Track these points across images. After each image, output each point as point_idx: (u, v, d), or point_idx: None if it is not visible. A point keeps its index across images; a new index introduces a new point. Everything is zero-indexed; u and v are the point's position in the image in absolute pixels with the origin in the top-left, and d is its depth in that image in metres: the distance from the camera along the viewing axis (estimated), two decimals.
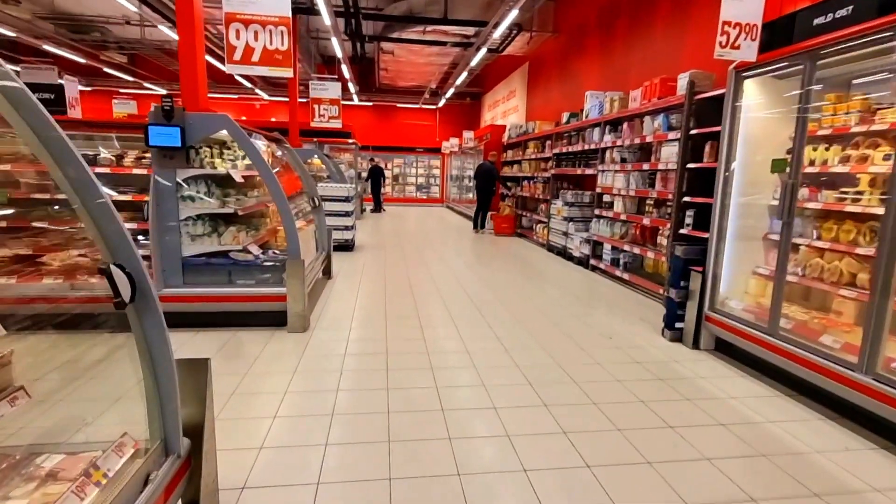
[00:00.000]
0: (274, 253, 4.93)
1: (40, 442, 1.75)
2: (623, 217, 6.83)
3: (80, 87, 7.55)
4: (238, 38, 5.15)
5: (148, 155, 4.63)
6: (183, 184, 4.29)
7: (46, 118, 1.38)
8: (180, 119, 4.17)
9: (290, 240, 4.44)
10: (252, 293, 4.39)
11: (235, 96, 20.03)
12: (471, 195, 14.42)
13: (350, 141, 14.89)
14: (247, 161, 4.75)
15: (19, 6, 13.06)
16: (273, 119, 19.54)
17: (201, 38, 4.76)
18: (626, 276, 6.62)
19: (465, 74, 15.00)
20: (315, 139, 13.41)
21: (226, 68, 5.21)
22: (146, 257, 4.43)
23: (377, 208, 17.20)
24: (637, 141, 6.46)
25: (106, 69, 17.31)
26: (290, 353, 3.89)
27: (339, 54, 12.07)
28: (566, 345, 4.25)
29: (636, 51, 8.06)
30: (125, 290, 1.50)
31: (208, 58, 14.33)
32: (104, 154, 4.70)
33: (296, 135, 10.72)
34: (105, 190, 1.52)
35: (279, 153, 6.31)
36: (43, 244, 4.35)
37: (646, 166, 6.18)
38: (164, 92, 18.96)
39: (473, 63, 13.45)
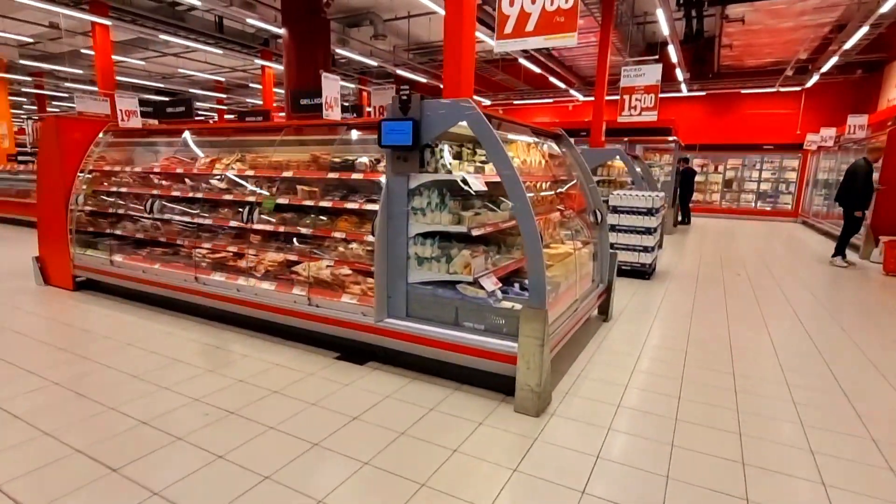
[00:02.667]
0: (520, 290, 3.67)
1: None
2: None
3: None
4: (512, 4, 4.06)
5: None
6: (416, 193, 3.43)
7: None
8: (416, 110, 3.30)
9: (531, 277, 3.09)
10: (474, 343, 3.22)
11: (550, 100, 19.74)
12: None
13: (670, 139, 12.48)
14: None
15: (385, 40, 15.36)
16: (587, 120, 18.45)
17: (471, 8, 3.84)
18: None
19: (863, 30, 10.50)
20: (625, 139, 11.63)
21: (496, 45, 4.19)
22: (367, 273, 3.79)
23: (684, 220, 14.10)
24: None
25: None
26: (502, 455, 2.55)
27: (667, 31, 9.96)
28: None
29: None
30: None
31: (522, 61, 14.15)
32: (361, 159, 4.25)
33: (598, 133, 9.25)
34: None
35: (559, 152, 5.00)
36: (304, 251, 4.18)
37: None
38: (486, 102, 20.11)
39: (886, 8, 9.10)
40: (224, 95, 22.89)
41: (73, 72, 16.90)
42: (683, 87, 16.17)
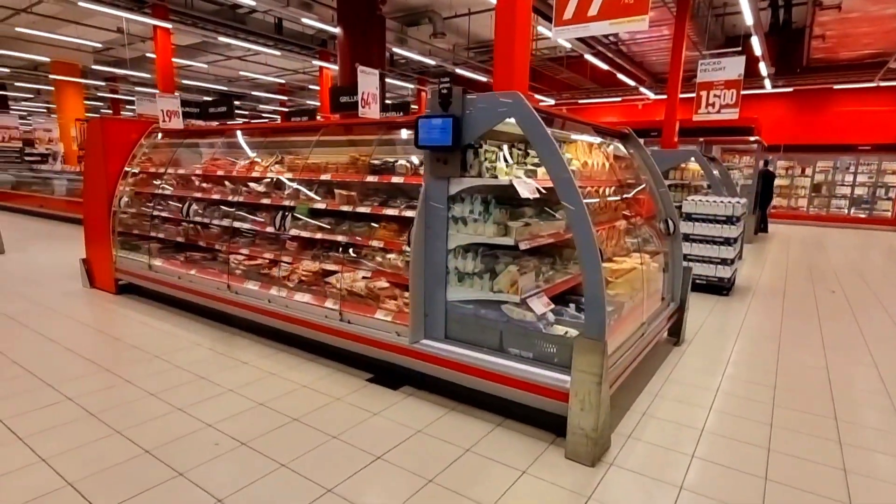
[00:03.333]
0: (576, 312, 3.18)
1: None
2: None
3: None
4: None
5: None
6: (457, 200, 3.03)
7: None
8: (458, 106, 2.89)
9: (588, 303, 2.60)
10: (520, 375, 2.77)
11: (618, 99, 18.75)
12: None
13: (751, 139, 11.37)
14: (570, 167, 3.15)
15: (444, 38, 15.08)
16: (658, 120, 17.36)
17: None
18: None
19: None
20: (701, 139, 10.68)
21: (553, 33, 3.72)
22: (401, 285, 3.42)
23: (762, 227, 12.73)
24: None
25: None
26: None
27: (750, 21, 9.01)
28: None
29: None
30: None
31: (588, 57, 13.43)
32: (401, 161, 3.90)
33: (671, 133, 8.48)
34: None
35: (626, 154, 4.44)
36: (339, 260, 3.87)
37: None
38: (550, 101, 19.40)
39: None
40: (286, 98, 23.46)
41: (141, 76, 17.74)
42: (767, 82, 14.82)
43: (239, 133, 4.99)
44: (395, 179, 3.52)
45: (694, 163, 7.52)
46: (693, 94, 8.48)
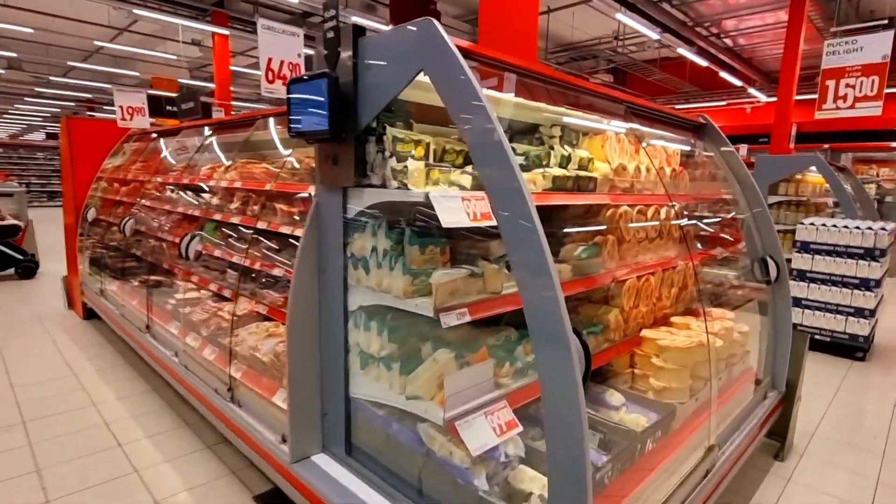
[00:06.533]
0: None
1: None
2: None
3: None
4: None
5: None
6: (356, 227, 1.76)
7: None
8: (346, 60, 1.64)
9: (554, 467, 1.21)
10: None
11: (723, 103, 16.27)
12: None
13: (894, 145, 8.87)
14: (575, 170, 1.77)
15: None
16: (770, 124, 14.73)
17: None
18: None
19: None
20: (825, 146, 8.43)
21: None
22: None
23: None
24: None
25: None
26: None
27: None
28: None
29: None
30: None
31: (687, 54, 11.47)
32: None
33: (784, 135, 6.55)
34: None
35: (701, 156, 2.91)
36: (235, 302, 2.74)
37: None
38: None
39: None
40: None
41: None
42: None
43: (183, 136, 4.05)
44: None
45: (814, 173, 5.58)
46: (815, 96, 6.48)
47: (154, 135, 4.60)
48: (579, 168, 2.05)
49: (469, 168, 1.76)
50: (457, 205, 1.47)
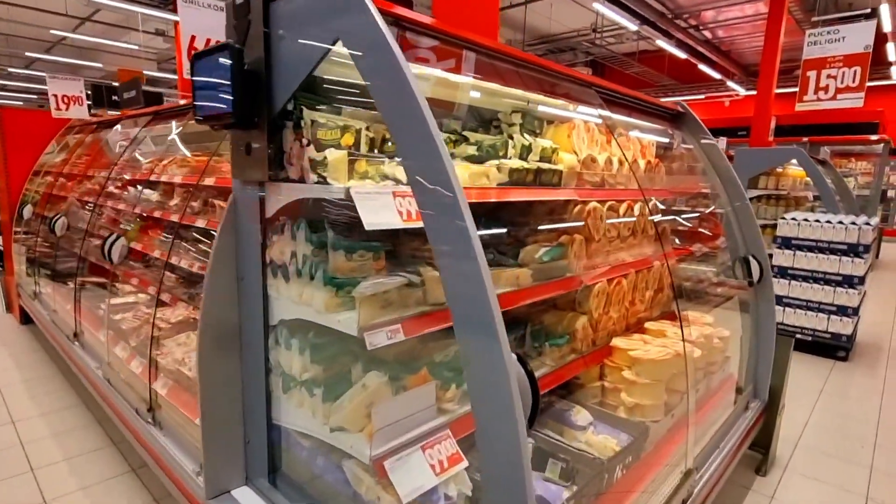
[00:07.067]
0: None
1: None
2: None
3: None
4: None
5: None
6: (275, 229, 1.49)
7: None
8: (257, 32, 1.36)
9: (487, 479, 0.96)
10: None
11: (701, 96, 16.24)
12: None
13: (873, 138, 8.82)
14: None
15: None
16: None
17: None
18: None
19: None
20: (805, 139, 8.34)
21: None
22: None
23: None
24: None
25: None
26: None
27: None
28: None
29: None
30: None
31: (667, 46, 11.31)
32: None
33: (764, 128, 6.42)
34: None
35: (679, 147, 2.69)
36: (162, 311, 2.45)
37: None
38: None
39: None
40: None
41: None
42: (895, 71, 11.93)
43: (123, 126, 3.72)
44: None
45: (795, 167, 5.44)
46: (794, 89, 6.34)
47: (95, 126, 4.25)
48: (542, 160, 1.81)
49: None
50: (385, 202, 1.21)
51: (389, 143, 1.63)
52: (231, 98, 1.30)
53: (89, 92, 4.50)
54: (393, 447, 1.29)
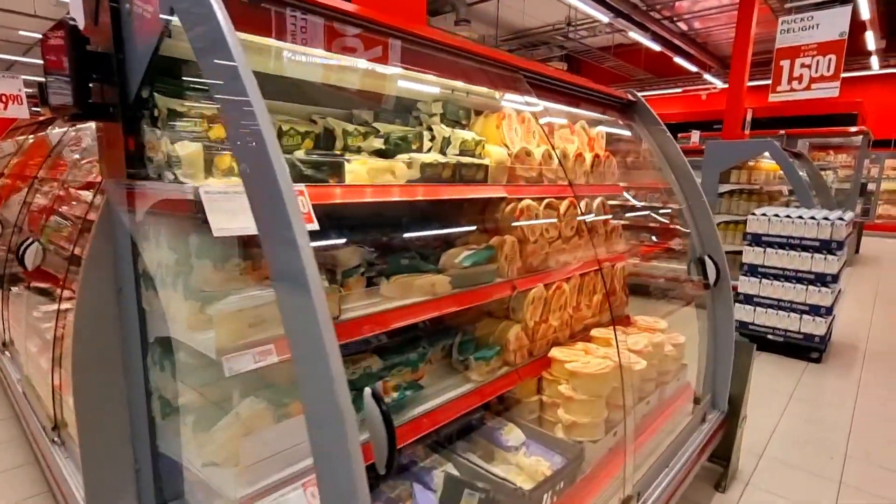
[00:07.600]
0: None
1: None
2: None
3: None
4: None
5: None
6: (145, 233, 1.31)
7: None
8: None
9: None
10: None
11: (678, 90, 16.18)
12: None
13: (852, 130, 8.76)
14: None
15: (469, 26, 13.31)
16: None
17: None
18: None
19: None
20: (781, 132, 8.24)
21: None
22: None
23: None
24: None
25: None
26: None
27: None
28: None
29: None
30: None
31: (641, 39, 11.17)
32: None
33: (736, 120, 6.30)
34: None
35: (631, 138, 2.53)
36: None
37: None
38: None
39: None
40: None
41: None
42: (874, 61, 11.90)
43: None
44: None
45: (769, 160, 5.32)
46: (769, 82, 6.23)
47: (37, 126, 4.03)
48: (463, 153, 1.64)
49: (300, 153, 1.32)
50: (243, 204, 1.03)
51: (291, 137, 1.46)
52: (69, 83, 1.12)
53: (32, 90, 4.26)
54: (267, 485, 1.12)
